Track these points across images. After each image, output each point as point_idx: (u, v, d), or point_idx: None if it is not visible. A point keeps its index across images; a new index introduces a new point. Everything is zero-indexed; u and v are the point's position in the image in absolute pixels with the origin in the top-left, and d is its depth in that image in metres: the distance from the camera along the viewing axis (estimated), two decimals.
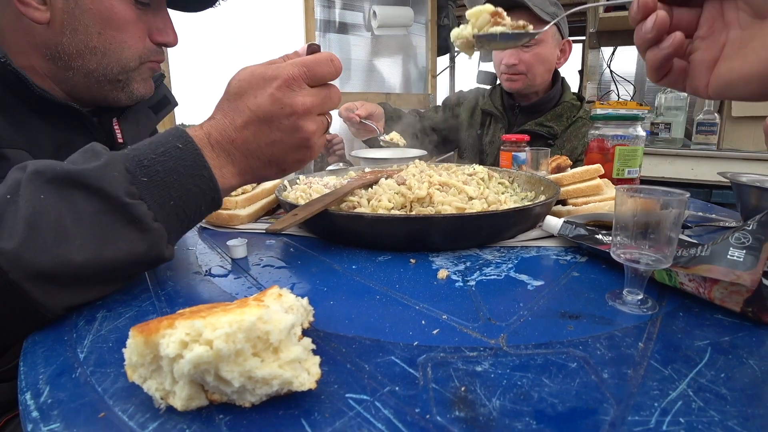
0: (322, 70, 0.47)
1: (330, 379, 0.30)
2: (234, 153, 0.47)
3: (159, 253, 0.44)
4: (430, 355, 0.34)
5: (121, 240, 0.41)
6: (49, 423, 0.28)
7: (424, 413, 0.27)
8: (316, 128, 0.48)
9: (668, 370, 0.33)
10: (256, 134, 0.46)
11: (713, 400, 0.30)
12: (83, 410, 0.29)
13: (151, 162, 0.42)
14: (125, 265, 0.42)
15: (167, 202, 0.43)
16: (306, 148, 0.49)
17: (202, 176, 0.44)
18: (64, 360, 0.35)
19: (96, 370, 0.33)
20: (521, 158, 1.01)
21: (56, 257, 0.38)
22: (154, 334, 0.27)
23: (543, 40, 1.29)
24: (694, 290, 0.43)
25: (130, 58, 0.68)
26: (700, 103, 2.07)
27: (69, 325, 0.40)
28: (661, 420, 0.27)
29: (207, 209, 0.47)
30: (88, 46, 0.64)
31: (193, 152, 0.44)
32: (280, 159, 0.49)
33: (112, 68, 0.67)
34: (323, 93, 0.48)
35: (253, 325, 0.25)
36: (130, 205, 0.40)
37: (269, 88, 0.45)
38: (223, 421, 0.27)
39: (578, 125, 1.32)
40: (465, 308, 0.42)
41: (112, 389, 0.31)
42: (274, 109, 0.45)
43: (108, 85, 0.69)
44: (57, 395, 0.30)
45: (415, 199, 0.64)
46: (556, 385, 0.30)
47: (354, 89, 2.57)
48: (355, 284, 0.48)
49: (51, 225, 0.38)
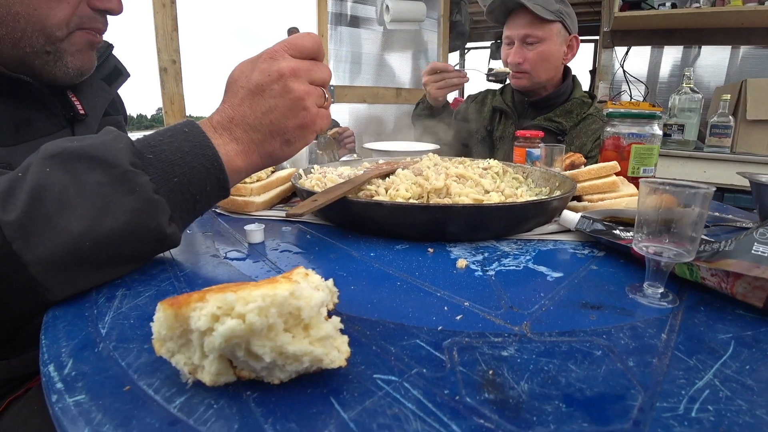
0: (302, 41, 0.50)
1: (356, 360, 0.30)
2: (234, 129, 0.48)
3: (159, 228, 0.43)
4: (455, 339, 0.34)
5: (119, 210, 0.40)
6: (74, 394, 0.28)
7: (454, 394, 0.27)
8: (307, 89, 0.49)
9: (693, 361, 0.32)
10: (252, 106, 0.48)
11: (740, 390, 0.29)
12: (108, 383, 0.29)
13: (157, 143, 0.44)
14: (125, 239, 0.41)
15: (171, 178, 0.43)
16: (302, 109, 0.49)
17: (207, 155, 0.45)
18: (86, 335, 0.35)
19: (119, 345, 0.33)
20: (535, 154, 1.01)
21: (55, 227, 0.37)
22: (184, 308, 0.27)
23: (547, 38, 1.29)
24: (716, 285, 0.43)
25: (55, 25, 0.62)
26: (715, 105, 2.05)
27: (89, 302, 0.40)
28: (690, 407, 0.27)
29: (213, 190, 0.47)
30: (9, 12, 0.59)
31: (198, 134, 0.45)
32: (279, 126, 0.49)
33: (36, 37, 0.62)
34: (307, 62, 0.50)
35: (286, 299, 0.25)
36: (131, 173, 0.40)
37: (256, 64, 0.48)
38: (251, 397, 0.27)
39: (588, 122, 1.32)
40: (486, 296, 0.42)
41: (136, 364, 0.31)
42: (262, 78, 0.47)
43: (37, 58, 0.64)
44: (81, 368, 0.30)
45: (432, 189, 0.64)
46: (583, 371, 0.30)
47: (364, 83, 2.57)
48: (375, 270, 0.48)
49: (55, 197, 0.38)
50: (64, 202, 0.38)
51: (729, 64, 2.39)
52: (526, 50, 1.30)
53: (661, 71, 2.56)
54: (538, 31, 1.28)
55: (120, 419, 0.25)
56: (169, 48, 1.98)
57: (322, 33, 2.31)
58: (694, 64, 2.45)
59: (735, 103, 1.95)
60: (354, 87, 2.51)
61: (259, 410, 0.26)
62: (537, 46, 1.29)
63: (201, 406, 0.26)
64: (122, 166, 0.40)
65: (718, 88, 2.21)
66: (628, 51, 2.55)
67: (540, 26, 1.28)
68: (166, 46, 1.98)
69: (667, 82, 2.55)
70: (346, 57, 2.50)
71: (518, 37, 1.31)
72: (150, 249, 0.45)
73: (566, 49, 1.35)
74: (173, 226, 0.44)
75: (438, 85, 1.33)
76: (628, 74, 2.56)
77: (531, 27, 1.28)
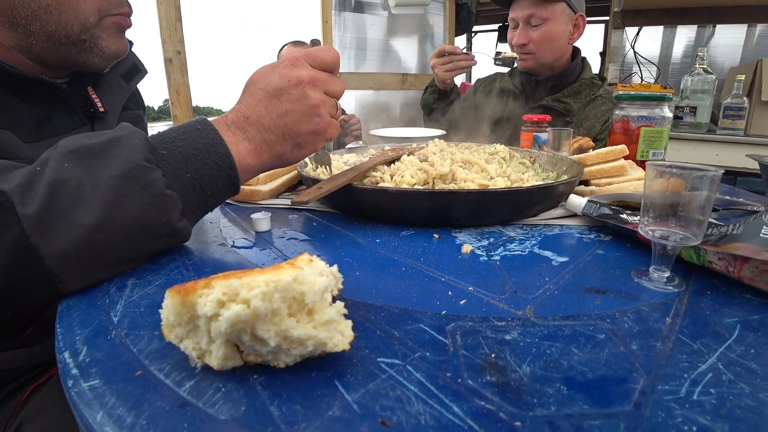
0: (322, 54, 0.52)
1: (360, 344, 0.31)
2: (248, 129, 0.49)
3: (170, 222, 0.44)
4: (459, 323, 0.34)
5: (132, 204, 0.41)
6: (89, 379, 0.29)
7: (456, 377, 0.27)
8: (323, 99, 0.51)
9: (697, 344, 0.32)
10: (269, 107, 0.49)
11: (743, 373, 0.29)
12: (120, 369, 0.30)
13: (171, 139, 0.45)
14: (137, 233, 0.42)
15: (183, 174, 0.44)
16: (316, 116, 0.50)
17: (219, 152, 0.46)
18: (99, 323, 0.36)
19: (130, 332, 0.34)
20: (542, 138, 1.00)
21: (71, 222, 0.38)
22: (191, 294, 0.28)
23: (551, 18, 1.27)
24: (723, 269, 0.42)
25: (87, 12, 0.64)
26: (729, 86, 2.00)
27: (101, 292, 0.41)
28: (692, 390, 0.27)
29: (224, 187, 0.48)
30: (41, 5, 0.61)
31: (212, 132, 0.46)
32: (293, 130, 0.50)
33: (71, 26, 0.64)
34: (326, 74, 0.52)
35: (289, 285, 0.26)
36: (145, 168, 0.42)
37: (277, 69, 0.50)
38: (258, 380, 0.28)
39: (597, 104, 1.30)
40: (491, 281, 0.42)
41: (147, 350, 0.32)
42: (282, 83, 0.49)
43: (74, 47, 0.66)
44: (94, 354, 0.31)
45: (438, 175, 0.64)
46: (585, 355, 0.30)
47: (370, 69, 2.55)
48: (380, 257, 0.48)
49: (71, 191, 0.39)
50: (80, 197, 0.39)
51: (745, 44, 2.32)
52: (530, 31, 1.29)
53: (673, 52, 2.50)
54: (542, 11, 1.26)
55: (132, 402, 0.26)
56: (174, 39, 1.98)
57: (326, 19, 2.29)
58: (707, 44, 2.39)
59: (750, 84, 1.90)
60: (359, 74, 2.49)
61: (265, 393, 0.27)
62: (541, 27, 1.28)
63: (210, 390, 0.27)
64: (136, 160, 0.41)
65: (733, 68, 2.16)
66: (639, 31, 2.49)
67: (544, 6, 1.26)
68: (170, 37, 1.97)
69: (680, 63, 2.49)
70: (351, 43, 2.47)
71: (522, 18, 1.29)
72: (161, 243, 0.46)
73: (572, 29, 1.33)
74: (184, 221, 0.46)
75: (446, 68, 1.33)
76: (639, 55, 2.50)
77: (535, 7, 1.27)
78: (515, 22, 1.33)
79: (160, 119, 5.00)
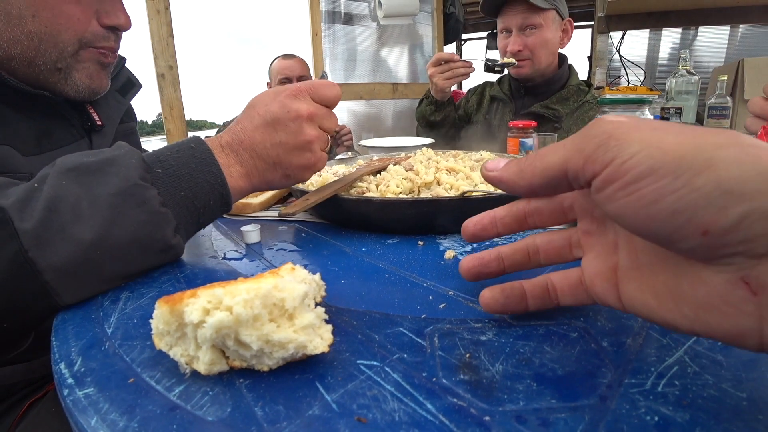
0: (324, 89, 0.53)
1: (342, 348, 0.32)
2: (242, 153, 0.50)
3: (164, 239, 0.45)
4: (437, 326, 0.35)
5: (128, 221, 0.42)
6: (84, 388, 0.30)
7: (431, 377, 0.29)
8: (317, 135, 0.52)
9: (666, 340, 0.34)
10: (264, 136, 0.50)
11: (709, 365, 0.31)
12: (114, 377, 0.31)
13: (165, 157, 0.47)
14: (132, 248, 0.43)
15: (177, 192, 0.46)
16: (309, 152, 0.52)
17: (212, 172, 0.47)
18: (93, 335, 0.37)
19: (123, 342, 0.35)
20: (528, 144, 1.02)
21: (69, 237, 0.40)
22: (178, 304, 0.29)
23: (544, 24, 1.30)
24: None
25: (67, 41, 0.65)
26: (712, 86, 2.04)
27: (96, 305, 0.43)
28: (657, 382, 0.29)
29: (216, 205, 0.49)
30: (23, 32, 0.62)
31: (205, 151, 0.48)
32: (284, 161, 0.51)
33: (49, 54, 0.64)
34: (325, 109, 0.53)
35: (269, 292, 0.27)
36: (141, 187, 0.43)
37: (278, 97, 0.51)
38: (243, 384, 0.29)
39: (585, 109, 1.33)
40: (471, 285, 0.43)
41: (139, 359, 0.33)
42: (281, 113, 0.50)
43: (50, 75, 0.66)
44: (89, 365, 0.33)
45: (423, 184, 0.66)
46: (557, 353, 0.32)
47: (361, 80, 2.58)
48: (365, 264, 0.50)
49: (69, 208, 0.40)
50: (77, 213, 0.41)
51: (728, 44, 2.37)
52: (525, 37, 1.31)
53: (660, 54, 2.55)
54: (536, 17, 1.29)
55: (125, 407, 0.28)
56: (166, 54, 2.00)
57: (315, 32, 2.32)
58: (691, 46, 2.44)
59: (733, 84, 1.94)
60: (350, 84, 2.52)
61: (250, 395, 0.28)
62: (535, 33, 1.31)
63: (198, 394, 0.28)
64: (132, 179, 0.43)
65: (716, 68, 2.20)
66: (623, 36, 2.54)
67: (537, 13, 1.29)
68: (162, 52, 2.00)
69: (667, 65, 2.54)
70: (342, 54, 2.51)
71: (516, 25, 1.31)
72: (155, 259, 0.48)
73: (562, 34, 1.36)
74: (177, 237, 0.47)
75: (445, 76, 1.34)
76: (625, 59, 2.54)
77: (528, 14, 1.29)
78: (507, 30, 1.35)
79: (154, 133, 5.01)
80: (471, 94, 1.59)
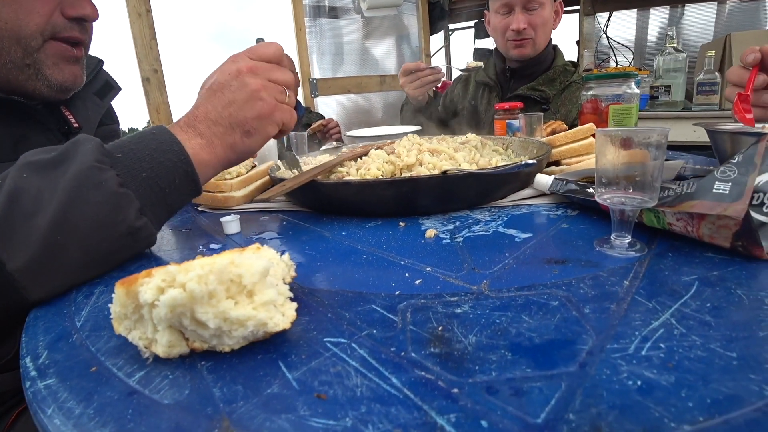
0: (262, 48, 0.54)
1: (310, 327, 0.31)
2: (198, 126, 0.51)
3: (126, 220, 0.44)
4: (411, 302, 0.34)
5: (84, 202, 0.41)
6: (45, 379, 0.29)
7: (399, 351, 0.27)
8: (263, 83, 0.52)
9: (652, 303, 0.32)
10: (213, 102, 0.51)
11: (696, 326, 0.29)
12: (77, 367, 0.30)
13: (126, 143, 0.47)
14: (94, 232, 0.42)
15: (139, 173, 0.46)
16: (259, 100, 0.52)
17: (173, 150, 0.48)
18: (63, 329, 0.36)
19: (91, 334, 0.34)
20: (515, 125, 1.00)
21: (30, 226, 0.39)
22: (134, 284, 0.28)
23: (545, 3, 1.28)
24: (683, 229, 0.42)
25: (29, 36, 0.63)
26: (701, 62, 2.02)
27: (69, 300, 0.42)
28: (641, 346, 0.27)
29: (182, 184, 0.49)
30: None
31: (165, 133, 0.48)
32: (238, 118, 0.52)
33: (14, 51, 0.63)
34: (268, 64, 0.54)
35: (225, 267, 0.26)
36: (97, 169, 0.43)
37: (220, 68, 0.53)
38: (205, 366, 0.28)
39: (572, 89, 1.31)
40: (450, 261, 0.42)
41: (104, 348, 0.32)
42: (222, 77, 0.52)
43: (20, 73, 0.65)
44: (54, 357, 0.32)
45: (405, 166, 0.64)
46: (535, 322, 0.30)
47: (348, 73, 2.55)
48: (344, 247, 0.48)
49: (30, 199, 0.40)
50: (38, 203, 0.40)
51: (716, 21, 2.35)
52: (528, 15, 1.28)
53: (648, 34, 2.53)
54: None
55: (84, 395, 0.27)
56: (150, 57, 1.98)
57: (299, 27, 2.30)
58: (679, 24, 2.41)
59: (720, 60, 1.92)
60: (337, 78, 2.50)
61: (210, 377, 0.27)
62: (537, 11, 1.28)
63: (158, 378, 0.27)
64: (87, 162, 0.42)
65: (703, 45, 2.18)
66: (610, 17, 2.52)
67: None
68: (146, 56, 1.97)
69: (656, 44, 2.52)
70: (329, 49, 2.48)
71: (519, 2, 1.28)
72: (124, 243, 0.46)
73: (554, 15, 1.34)
74: (143, 219, 0.46)
75: (414, 86, 1.33)
76: (613, 40, 2.52)
77: None
78: (508, 8, 1.31)
79: None
80: (456, 83, 1.57)
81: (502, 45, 1.36)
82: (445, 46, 3.21)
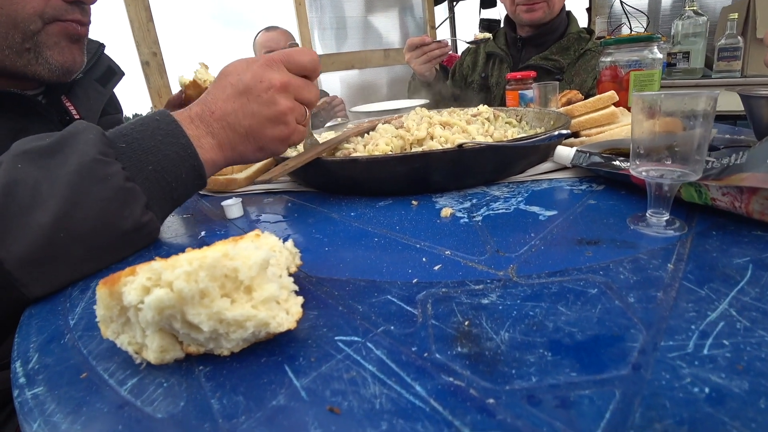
0: (300, 57, 0.50)
1: (319, 323, 0.27)
2: (213, 125, 0.48)
3: (133, 216, 0.42)
4: (431, 291, 0.30)
5: (89, 200, 0.39)
6: (34, 387, 0.27)
7: (422, 352, 0.24)
8: (292, 107, 0.49)
9: (705, 290, 0.29)
10: (235, 105, 0.48)
11: (761, 319, 0.25)
12: (67, 373, 0.28)
13: (129, 131, 0.44)
14: (99, 229, 0.40)
15: (146, 166, 0.43)
16: (282, 123, 0.49)
17: (180, 143, 0.45)
18: (56, 328, 0.34)
19: (84, 333, 0.32)
20: (528, 96, 0.95)
21: (28, 222, 0.37)
22: (117, 284, 0.24)
23: None
24: (729, 205, 0.38)
25: (28, 19, 0.60)
26: (722, 26, 1.92)
27: (64, 296, 0.39)
28: (701, 343, 0.24)
29: (189, 179, 0.46)
30: None
31: (171, 123, 0.45)
32: (257, 132, 0.49)
33: (12, 36, 0.61)
34: (301, 80, 0.50)
35: (217, 261, 0.22)
36: (102, 162, 0.40)
37: (252, 67, 0.48)
38: (203, 372, 0.25)
39: (587, 58, 1.24)
40: (470, 243, 0.38)
41: (97, 350, 0.30)
42: (253, 83, 0.47)
43: (19, 58, 0.63)
44: (44, 360, 0.30)
45: (415, 140, 0.60)
46: (574, 314, 0.27)
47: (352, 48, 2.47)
48: (353, 229, 0.45)
49: (27, 192, 0.37)
50: (36, 196, 0.38)
51: None
52: None
53: None
54: None
55: (72, 407, 0.25)
56: (148, 40, 1.92)
57: (300, 1, 2.21)
58: None
59: (744, 23, 1.82)
60: (340, 54, 2.42)
61: (208, 385, 0.24)
62: None
63: (151, 386, 0.25)
64: (90, 155, 0.40)
65: (725, 7, 2.07)
66: None
67: None
68: (144, 39, 1.91)
69: (671, 9, 2.40)
70: (330, 23, 2.40)
71: None
72: (128, 240, 0.44)
73: None
74: (149, 214, 0.44)
75: (420, 61, 1.27)
76: (626, 5, 2.41)
77: None
78: None
79: None
80: (465, 55, 1.50)
81: (512, 10, 1.28)
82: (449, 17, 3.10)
